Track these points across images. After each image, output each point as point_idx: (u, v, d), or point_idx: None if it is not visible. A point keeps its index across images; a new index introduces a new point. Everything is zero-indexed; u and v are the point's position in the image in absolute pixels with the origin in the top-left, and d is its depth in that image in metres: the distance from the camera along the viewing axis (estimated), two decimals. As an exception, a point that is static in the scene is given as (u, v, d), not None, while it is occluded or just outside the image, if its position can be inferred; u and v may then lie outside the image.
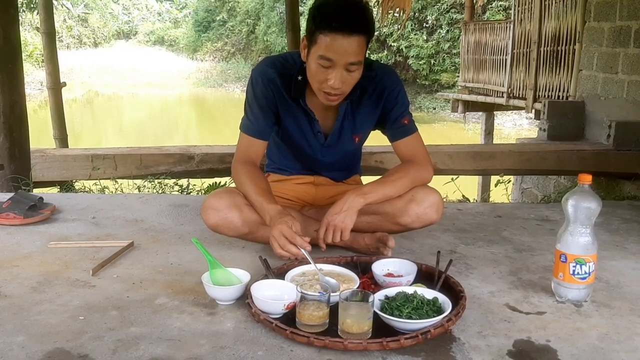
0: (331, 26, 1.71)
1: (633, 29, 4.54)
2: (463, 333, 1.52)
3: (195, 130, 16.94)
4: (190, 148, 4.33)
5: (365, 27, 1.75)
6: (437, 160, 4.28)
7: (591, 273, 1.67)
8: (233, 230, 1.96)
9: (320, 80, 1.80)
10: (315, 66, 1.79)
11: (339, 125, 2.01)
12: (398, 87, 2.00)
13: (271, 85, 1.95)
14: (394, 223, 2.00)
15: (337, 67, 1.76)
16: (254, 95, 1.97)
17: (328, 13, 1.73)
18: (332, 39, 1.72)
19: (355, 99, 1.96)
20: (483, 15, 15.83)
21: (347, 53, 1.73)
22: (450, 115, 15.46)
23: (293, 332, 1.44)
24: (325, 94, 1.83)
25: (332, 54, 1.73)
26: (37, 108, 16.84)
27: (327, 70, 1.77)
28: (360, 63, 1.79)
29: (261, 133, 2.01)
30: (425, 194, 1.97)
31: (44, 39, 5.14)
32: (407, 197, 1.96)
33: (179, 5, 28.83)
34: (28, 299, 1.71)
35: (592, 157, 4.35)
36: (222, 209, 1.92)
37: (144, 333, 1.51)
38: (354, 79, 1.82)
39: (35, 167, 3.74)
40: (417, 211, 1.96)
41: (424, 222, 1.99)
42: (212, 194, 1.98)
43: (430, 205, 1.96)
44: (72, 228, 2.40)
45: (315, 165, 2.16)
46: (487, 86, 8.12)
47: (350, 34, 1.71)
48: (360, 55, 1.77)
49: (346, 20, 1.71)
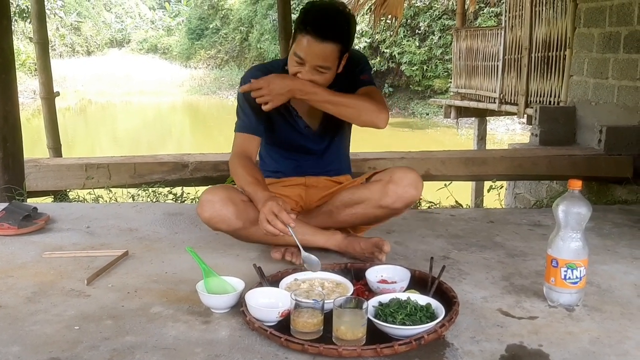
0: (306, 29, 1.90)
1: (622, 35, 4.58)
2: (456, 338, 1.53)
3: (189, 138, 16.92)
4: (184, 156, 4.33)
5: (338, 37, 1.91)
6: (429, 166, 4.30)
7: (582, 277, 1.69)
8: (227, 224, 1.97)
9: (293, 72, 1.98)
10: (291, 60, 1.98)
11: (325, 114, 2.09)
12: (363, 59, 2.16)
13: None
14: (377, 207, 2.03)
15: (307, 65, 1.93)
16: (245, 96, 2.08)
17: (307, 17, 1.92)
18: (306, 40, 1.90)
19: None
20: (475, 22, 15.92)
21: (316, 56, 1.91)
22: (443, 121, 15.51)
23: (287, 340, 1.45)
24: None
25: (303, 53, 1.92)
26: (30, 117, 16.77)
27: (300, 66, 1.95)
28: (330, 69, 1.95)
29: (254, 129, 2.09)
30: (402, 173, 2.02)
31: (37, 48, 5.13)
32: (386, 179, 2.01)
33: (172, 14, 28.84)
34: (23, 309, 1.71)
35: (583, 161, 4.37)
36: (216, 202, 1.95)
37: (139, 342, 1.51)
38: (325, 80, 1.97)
39: (29, 176, 3.74)
40: (397, 191, 1.99)
41: (405, 201, 2.01)
42: (208, 189, 2.01)
43: (408, 184, 2.00)
44: (66, 238, 2.40)
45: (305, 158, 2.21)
46: (479, 92, 8.17)
47: (322, 39, 1.88)
48: (330, 62, 1.93)
49: (320, 27, 1.88)
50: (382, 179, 2.04)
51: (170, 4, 29.45)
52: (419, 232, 2.48)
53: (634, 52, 4.46)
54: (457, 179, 4.28)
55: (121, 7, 29.45)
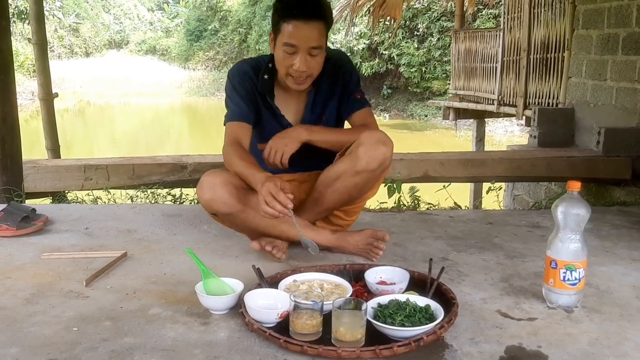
0: (292, 14, 1.90)
1: (621, 37, 4.59)
2: (455, 340, 1.53)
3: (188, 140, 16.92)
4: (183, 157, 4.33)
5: (323, 13, 1.94)
6: (428, 168, 4.30)
7: (581, 279, 1.69)
8: (227, 205, 1.96)
9: (287, 65, 1.97)
10: (282, 53, 1.96)
11: (308, 112, 2.14)
12: (350, 65, 2.18)
13: (247, 77, 2.11)
14: (354, 174, 2.00)
15: (301, 51, 1.93)
16: (233, 87, 2.11)
17: (289, 3, 1.93)
18: (294, 25, 1.90)
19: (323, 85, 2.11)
20: (473, 24, 15.94)
21: (309, 38, 1.92)
22: (441, 122, 15.51)
23: (287, 341, 1.45)
24: (292, 78, 1.99)
25: (295, 40, 1.92)
26: (29, 118, 16.77)
27: (292, 55, 1.94)
28: (321, 48, 1.96)
29: (245, 117, 2.10)
30: (368, 134, 2.00)
31: (36, 50, 5.12)
32: (354, 146, 2.01)
33: (170, 15, 28.86)
34: (21, 311, 1.71)
35: (582, 163, 4.37)
36: (217, 183, 1.95)
37: (137, 343, 1.51)
38: (318, 63, 1.99)
39: (27, 178, 3.73)
40: (367, 152, 1.97)
41: (378, 159, 1.98)
42: (208, 172, 2.01)
43: (376, 141, 1.98)
44: (65, 239, 2.40)
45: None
46: (478, 94, 8.17)
47: (309, 19, 1.90)
48: (321, 41, 1.95)
49: (305, 7, 1.91)
50: (350, 148, 2.03)
51: (168, 5, 29.47)
52: (417, 234, 2.48)
53: (633, 54, 4.47)
54: (455, 181, 4.27)
55: (120, 8, 29.47)
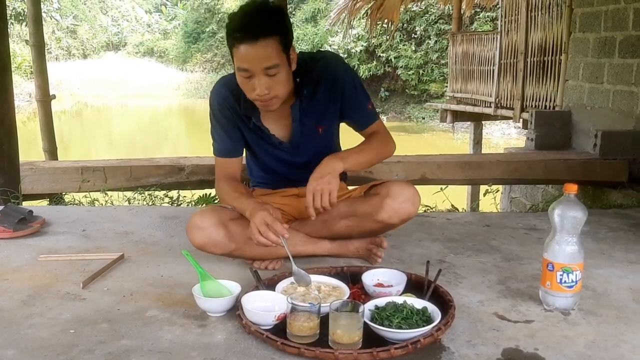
0: (236, 37, 1.77)
1: (618, 40, 4.60)
2: (452, 342, 1.53)
3: (185, 142, 16.90)
4: (181, 159, 4.32)
5: (270, 29, 1.76)
6: (426, 170, 4.31)
7: (578, 281, 1.69)
8: (220, 247, 1.95)
9: (248, 90, 1.85)
10: (240, 79, 1.84)
11: (297, 126, 2.02)
12: (350, 75, 2.03)
13: (226, 104, 2.01)
14: (373, 221, 2.01)
15: (256, 74, 1.79)
16: (214, 117, 2.05)
17: (232, 25, 1.79)
18: (243, 49, 1.76)
19: (307, 95, 1.97)
20: (471, 26, 15.97)
21: (258, 59, 1.76)
22: (439, 125, 15.55)
23: (284, 344, 1.45)
24: (259, 102, 1.88)
25: (246, 64, 1.78)
26: (26, 120, 16.75)
27: (250, 79, 1.81)
28: (278, 66, 1.80)
29: (231, 152, 2.07)
30: (399, 188, 1.98)
31: (33, 51, 5.13)
32: (383, 194, 1.99)
33: (168, 17, 28.84)
34: (18, 313, 1.71)
35: (579, 166, 4.39)
36: (207, 227, 1.91)
37: (134, 346, 1.51)
38: (280, 82, 1.83)
39: (24, 179, 3.72)
40: (394, 206, 1.96)
41: (401, 217, 1.99)
42: (196, 213, 1.97)
43: (405, 200, 1.97)
44: (62, 241, 2.40)
45: (292, 171, 2.15)
46: (475, 96, 8.19)
47: (254, 40, 1.74)
48: (275, 58, 1.78)
49: (246, 28, 1.76)
50: (379, 192, 2.01)
51: (166, 7, 29.45)
52: (415, 236, 2.48)
53: (629, 57, 4.48)
54: (453, 183, 4.28)
55: (117, 10, 29.44)
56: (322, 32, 19.39)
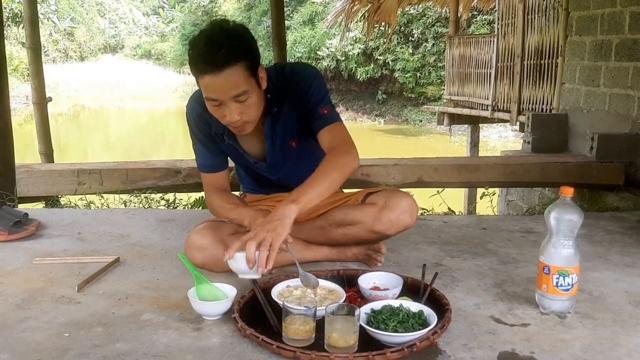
0: (199, 69, 1.70)
1: (614, 43, 4.61)
2: (448, 346, 1.53)
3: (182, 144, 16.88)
4: (177, 162, 4.32)
5: (234, 56, 1.69)
6: (422, 173, 4.31)
7: (574, 285, 1.69)
8: (220, 266, 1.85)
9: (220, 117, 1.81)
10: (210, 107, 1.80)
11: (270, 144, 1.99)
12: (309, 80, 1.92)
13: (201, 119, 1.98)
14: (369, 231, 2.00)
15: (226, 103, 1.74)
16: (192, 133, 2.04)
17: (194, 56, 1.71)
18: (206, 80, 1.70)
19: (276, 112, 1.93)
20: (468, 29, 16.01)
21: (226, 88, 1.71)
22: (436, 127, 15.59)
23: (279, 347, 1.44)
24: (233, 127, 1.84)
25: (214, 94, 1.73)
26: (23, 122, 16.72)
27: (220, 107, 1.77)
28: (248, 91, 1.74)
29: (214, 166, 2.06)
30: (397, 199, 1.96)
31: (30, 54, 5.12)
32: (380, 204, 1.97)
33: (166, 19, 28.86)
34: (12, 316, 1.70)
35: (575, 169, 4.39)
36: (207, 247, 1.89)
37: (129, 349, 1.50)
38: (252, 105, 1.79)
39: (20, 182, 3.71)
40: (391, 217, 1.95)
41: (398, 228, 1.98)
42: (194, 232, 1.94)
43: (403, 211, 1.95)
44: (57, 244, 2.39)
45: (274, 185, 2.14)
46: (472, 99, 8.20)
47: (220, 69, 1.67)
48: (243, 85, 1.72)
49: (209, 59, 1.67)
50: (377, 202, 1.99)
51: (164, 10, 29.47)
52: (411, 239, 2.47)
53: (625, 60, 4.49)
54: (449, 186, 4.28)
55: (115, 12, 29.46)
56: (319, 35, 19.41)
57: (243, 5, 24.13)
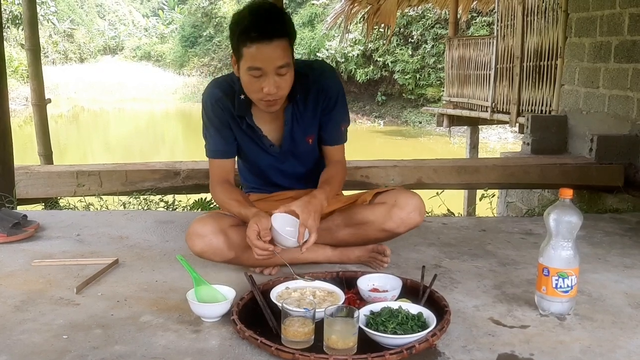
0: (251, 37, 1.78)
1: (613, 45, 4.61)
2: (448, 347, 1.52)
3: (182, 146, 16.90)
4: (176, 164, 4.31)
5: (284, 30, 1.82)
6: (422, 175, 4.30)
7: (573, 286, 1.69)
8: (219, 255, 1.94)
9: (256, 90, 1.86)
10: (248, 78, 1.85)
11: (288, 130, 2.04)
12: (339, 93, 2.05)
13: (219, 104, 2.00)
14: (379, 230, 2.02)
15: (268, 74, 1.82)
16: (208, 118, 2.04)
17: (246, 25, 1.80)
18: (256, 48, 1.78)
19: (300, 101, 2.00)
20: (467, 31, 16.02)
21: (273, 58, 1.80)
22: (435, 129, 15.59)
23: (278, 349, 1.44)
24: (264, 102, 1.89)
25: (260, 63, 1.80)
26: (22, 124, 16.72)
27: (259, 79, 1.83)
28: (289, 65, 1.85)
29: (225, 153, 2.06)
30: (407, 198, 2.00)
31: (29, 55, 5.12)
32: (390, 203, 2.00)
33: (165, 21, 28.86)
34: (11, 318, 1.69)
35: (574, 170, 4.39)
36: (207, 234, 1.91)
37: (128, 351, 1.50)
38: (287, 81, 1.88)
39: (19, 184, 3.71)
40: (401, 216, 1.98)
41: (408, 226, 2.02)
42: (196, 220, 1.96)
43: (413, 209, 1.99)
44: (56, 246, 2.39)
45: (281, 177, 2.16)
46: (472, 101, 8.20)
47: (270, 40, 1.78)
48: (287, 58, 1.83)
49: (263, 28, 1.78)
50: (386, 201, 2.02)
51: (163, 11, 29.48)
52: (410, 241, 2.47)
53: (625, 62, 4.49)
54: (449, 187, 4.28)
55: (114, 14, 29.47)
56: (319, 37, 19.43)
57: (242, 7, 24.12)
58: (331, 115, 2.05)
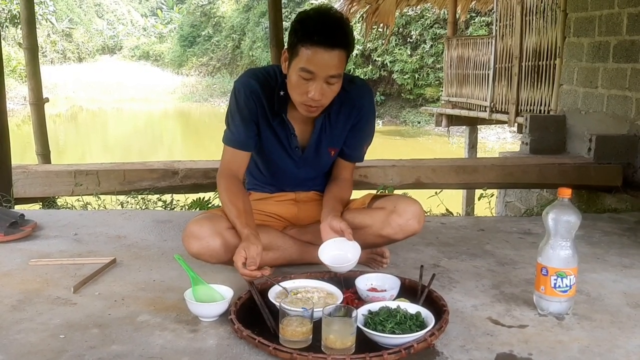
0: (313, 40, 1.75)
1: (612, 45, 4.62)
2: (446, 347, 1.52)
3: (180, 145, 16.89)
4: (174, 163, 4.30)
5: (346, 42, 1.80)
6: (420, 174, 4.30)
7: (572, 286, 1.68)
8: (215, 257, 1.91)
9: (301, 92, 1.83)
10: (297, 78, 1.81)
11: (315, 138, 2.02)
12: (372, 110, 2.09)
13: (254, 96, 1.95)
14: (377, 235, 2.01)
15: (318, 79, 1.79)
16: (237, 106, 1.98)
17: (310, 27, 1.77)
18: (314, 52, 1.75)
19: (333, 112, 1.99)
20: (466, 31, 16.02)
21: (328, 66, 1.77)
22: (434, 129, 15.59)
23: (276, 349, 1.43)
24: (305, 106, 1.86)
25: (313, 67, 1.77)
26: (21, 123, 16.68)
27: (308, 82, 1.80)
28: (340, 76, 1.83)
29: (244, 144, 2.01)
30: (406, 205, 1.99)
31: (27, 54, 5.11)
32: (389, 209, 1.99)
33: (164, 21, 28.86)
34: (8, 318, 1.69)
35: (573, 170, 4.39)
36: (204, 236, 1.89)
37: (125, 351, 1.49)
38: (333, 92, 1.86)
39: (17, 183, 3.70)
40: (399, 222, 1.97)
41: (406, 233, 2.00)
42: (192, 221, 1.94)
43: (412, 217, 1.97)
44: (53, 245, 2.38)
45: (291, 180, 2.14)
46: (470, 100, 8.20)
47: (331, 48, 1.76)
48: (340, 69, 1.81)
49: (328, 34, 1.75)
50: (385, 207, 2.01)
51: (162, 11, 29.48)
52: (409, 240, 2.43)
53: (623, 62, 4.50)
54: (447, 187, 4.28)
55: (113, 14, 29.45)
56: (317, 36, 19.40)
57: (241, 7, 24.16)
58: (358, 132, 2.06)
